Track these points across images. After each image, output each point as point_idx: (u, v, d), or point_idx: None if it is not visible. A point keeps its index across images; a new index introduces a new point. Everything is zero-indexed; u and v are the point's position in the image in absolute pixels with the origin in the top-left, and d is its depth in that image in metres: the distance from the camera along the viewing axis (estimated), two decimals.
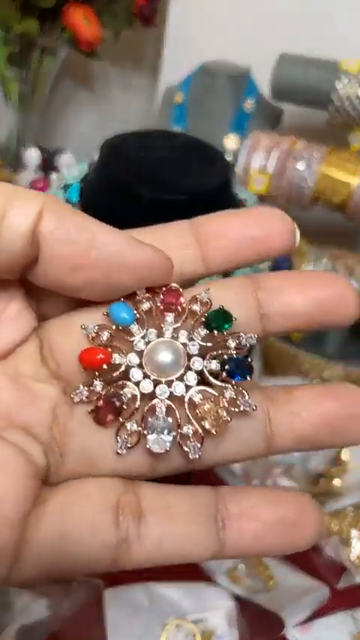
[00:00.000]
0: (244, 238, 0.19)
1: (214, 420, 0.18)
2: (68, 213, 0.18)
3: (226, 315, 0.19)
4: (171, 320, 0.19)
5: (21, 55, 0.79)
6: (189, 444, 0.18)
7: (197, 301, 0.19)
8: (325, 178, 0.61)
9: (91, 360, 0.18)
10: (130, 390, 0.19)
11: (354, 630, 0.43)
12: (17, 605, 0.42)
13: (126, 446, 0.18)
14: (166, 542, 0.18)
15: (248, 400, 0.18)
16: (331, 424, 0.18)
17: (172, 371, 0.19)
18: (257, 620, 0.43)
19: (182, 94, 0.75)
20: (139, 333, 0.19)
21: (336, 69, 0.62)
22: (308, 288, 0.19)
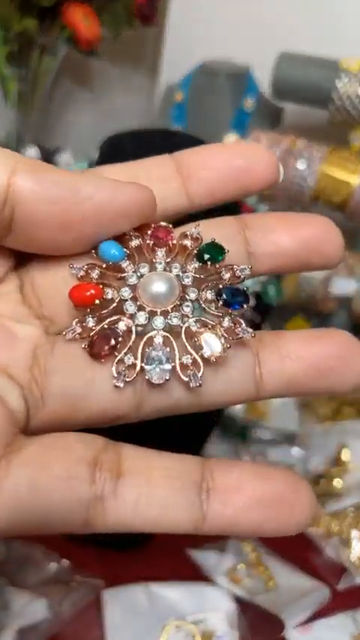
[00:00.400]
0: (227, 169, 0.19)
1: (214, 348, 0.18)
2: (44, 170, 0.17)
3: (219, 247, 0.18)
4: (162, 254, 0.19)
5: (20, 54, 0.79)
6: (189, 373, 0.18)
7: (188, 237, 0.19)
8: (325, 178, 0.61)
9: (82, 297, 0.18)
10: (125, 323, 0.18)
11: (354, 631, 0.43)
12: (16, 605, 0.42)
13: (124, 379, 0.18)
14: (144, 506, 0.17)
15: (246, 328, 0.18)
16: (321, 367, 0.18)
17: (167, 301, 0.18)
18: (257, 620, 0.43)
19: (182, 92, 0.75)
20: (130, 269, 0.19)
21: (336, 67, 0.62)
22: (295, 228, 0.19)
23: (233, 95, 0.73)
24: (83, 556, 0.46)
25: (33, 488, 0.16)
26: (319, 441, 0.57)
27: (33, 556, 0.45)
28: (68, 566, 0.45)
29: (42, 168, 0.17)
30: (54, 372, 0.18)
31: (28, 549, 0.45)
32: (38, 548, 0.46)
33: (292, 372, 0.18)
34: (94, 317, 0.18)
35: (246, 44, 0.76)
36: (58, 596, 0.43)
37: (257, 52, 0.71)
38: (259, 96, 0.74)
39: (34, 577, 0.44)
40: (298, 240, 0.19)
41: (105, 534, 0.50)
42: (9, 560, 0.45)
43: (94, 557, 0.46)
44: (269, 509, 0.17)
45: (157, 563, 0.47)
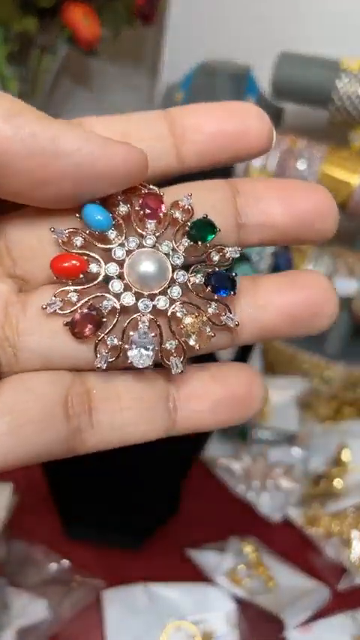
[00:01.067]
0: (220, 133, 0.18)
1: (198, 335, 0.18)
2: (23, 116, 0.16)
3: (210, 226, 0.18)
4: (152, 227, 0.18)
5: (20, 53, 0.79)
6: (172, 360, 0.18)
7: (179, 207, 0.18)
8: (325, 177, 0.61)
9: (65, 268, 0.17)
10: (110, 302, 0.17)
11: (354, 631, 0.43)
12: (16, 606, 0.42)
13: (106, 360, 0.17)
14: (118, 427, 0.18)
15: (231, 315, 0.18)
16: (295, 315, 0.18)
17: (155, 283, 0.18)
18: (257, 621, 0.43)
19: (182, 92, 0.75)
20: (117, 241, 0.18)
21: (336, 67, 0.62)
22: (289, 199, 0.18)
23: (233, 95, 0.73)
24: (83, 556, 0.46)
25: (13, 436, 0.16)
26: (319, 441, 0.57)
27: (33, 556, 0.45)
28: (68, 566, 0.45)
29: (21, 113, 0.16)
30: (27, 332, 0.17)
31: (29, 549, 0.45)
32: (38, 548, 0.46)
33: (267, 323, 0.18)
34: (76, 291, 0.17)
35: (246, 44, 0.76)
36: (58, 596, 0.43)
37: (257, 52, 0.71)
38: (259, 96, 0.74)
39: (34, 577, 0.44)
40: (291, 214, 0.18)
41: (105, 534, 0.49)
42: (9, 560, 0.45)
43: (94, 557, 0.46)
44: (228, 408, 0.19)
45: (157, 563, 0.47)
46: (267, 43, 0.68)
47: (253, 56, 0.73)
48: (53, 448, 0.17)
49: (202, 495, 0.52)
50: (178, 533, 0.49)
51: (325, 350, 0.63)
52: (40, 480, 0.47)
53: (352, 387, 0.62)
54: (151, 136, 0.18)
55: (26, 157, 0.15)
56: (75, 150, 0.16)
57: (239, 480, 0.53)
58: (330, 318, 0.18)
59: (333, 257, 0.62)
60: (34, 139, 0.15)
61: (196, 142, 0.18)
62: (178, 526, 0.49)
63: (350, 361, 0.62)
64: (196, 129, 0.18)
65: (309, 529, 0.50)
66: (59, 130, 0.16)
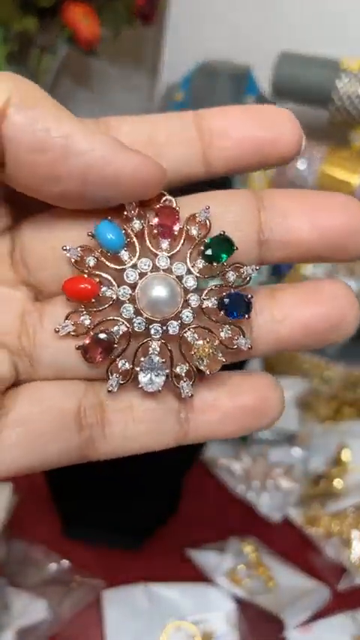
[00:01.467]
0: (249, 140, 0.18)
1: (209, 360, 0.17)
2: (39, 108, 0.15)
3: (227, 244, 0.17)
4: (166, 246, 0.17)
5: (20, 53, 0.79)
6: (182, 384, 0.18)
7: (196, 222, 0.17)
8: (325, 177, 0.61)
9: (78, 292, 0.17)
10: (121, 327, 0.17)
11: (354, 632, 0.43)
12: (16, 606, 0.42)
13: (118, 383, 0.17)
14: (131, 438, 0.18)
15: (245, 339, 0.18)
16: (314, 328, 0.18)
17: (166, 308, 0.17)
18: (257, 621, 0.43)
19: (182, 92, 0.75)
20: (129, 262, 0.17)
21: (336, 67, 0.62)
22: (318, 215, 0.17)
23: (233, 95, 0.73)
24: (83, 556, 0.46)
25: (27, 447, 0.17)
26: (319, 441, 0.57)
27: (33, 556, 0.45)
28: (68, 566, 0.45)
29: (38, 105, 0.15)
30: (43, 344, 0.17)
31: (28, 549, 0.45)
32: (38, 548, 0.46)
33: (284, 334, 0.18)
34: (88, 314, 0.17)
35: (246, 44, 0.76)
36: (58, 596, 0.43)
37: (257, 52, 0.71)
38: (259, 96, 0.73)
39: (34, 577, 0.44)
40: (318, 231, 0.17)
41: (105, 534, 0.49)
42: (9, 561, 0.45)
43: (94, 557, 0.46)
44: (241, 419, 0.18)
45: (157, 564, 0.47)
46: (267, 43, 0.68)
47: (253, 56, 0.73)
48: (64, 457, 0.17)
49: (202, 495, 0.52)
50: (178, 533, 0.49)
51: (325, 350, 0.63)
52: (40, 480, 0.47)
53: (352, 387, 0.62)
54: (180, 140, 0.18)
55: (36, 152, 0.15)
56: (87, 151, 0.15)
57: (239, 480, 0.53)
58: (350, 330, 0.18)
59: None
60: (46, 135, 0.15)
61: (224, 149, 0.18)
62: (178, 526, 0.49)
63: (350, 361, 0.62)
64: (225, 134, 0.18)
65: (309, 529, 0.50)
66: (74, 128, 0.15)
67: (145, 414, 0.18)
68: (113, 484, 0.44)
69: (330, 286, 0.18)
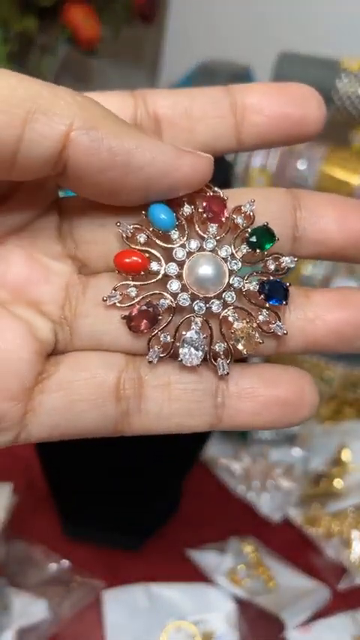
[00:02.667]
0: (280, 116, 0.19)
1: (246, 340, 0.18)
2: (101, 129, 0.16)
3: (270, 234, 0.18)
4: (214, 231, 0.18)
5: (20, 53, 0.79)
6: (219, 362, 0.18)
7: (241, 213, 0.18)
8: (325, 177, 0.61)
9: (127, 264, 0.18)
10: (166, 301, 0.18)
11: (354, 632, 0.43)
12: (17, 606, 0.42)
13: (158, 355, 0.18)
14: (165, 416, 0.18)
15: (281, 324, 0.18)
16: (343, 333, 0.18)
17: (212, 286, 0.18)
18: (257, 621, 0.43)
19: None
20: (178, 242, 0.18)
21: (336, 67, 0.62)
22: (347, 219, 0.18)
23: None
24: (83, 556, 0.46)
25: (65, 411, 0.17)
26: (319, 441, 0.57)
27: (33, 556, 0.45)
28: (68, 566, 0.45)
29: (99, 125, 0.16)
30: (84, 314, 0.18)
31: (29, 549, 0.45)
32: (38, 548, 0.46)
33: (314, 335, 0.19)
34: (135, 287, 0.18)
35: (246, 44, 0.76)
36: (58, 596, 0.43)
37: (257, 52, 0.71)
38: None
39: (35, 577, 0.44)
40: (346, 232, 0.18)
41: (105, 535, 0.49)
42: (9, 561, 0.45)
43: (94, 557, 0.46)
44: (276, 411, 0.18)
45: (157, 564, 0.47)
46: (267, 43, 0.68)
47: (253, 56, 0.74)
48: (100, 427, 0.18)
49: (202, 495, 0.52)
50: (178, 533, 0.49)
51: None
52: (40, 480, 0.47)
53: (352, 387, 0.62)
54: (215, 114, 0.19)
55: (101, 171, 0.16)
56: (147, 164, 0.16)
57: (239, 480, 0.53)
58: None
59: None
60: (108, 154, 0.16)
61: (256, 125, 0.19)
62: (178, 526, 0.49)
63: (350, 361, 0.62)
64: (258, 110, 0.19)
65: (309, 529, 0.50)
66: (134, 142, 0.16)
67: (182, 393, 0.18)
68: (113, 484, 0.44)
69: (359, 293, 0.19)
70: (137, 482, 0.45)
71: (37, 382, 0.17)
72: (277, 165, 0.62)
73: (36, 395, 0.17)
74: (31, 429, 0.17)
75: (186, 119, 0.19)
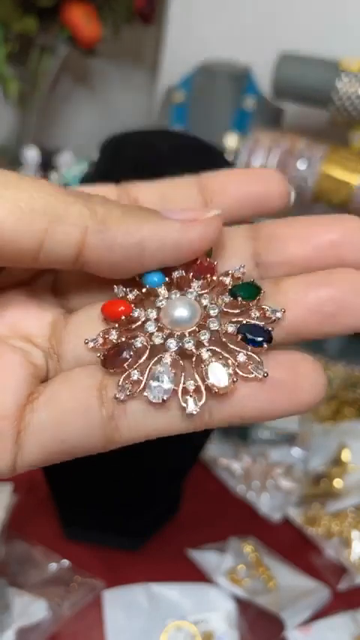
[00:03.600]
0: (244, 196, 0.21)
1: (220, 379, 0.17)
2: (113, 227, 0.18)
3: (254, 288, 0.19)
4: (197, 286, 0.19)
5: (20, 53, 0.79)
6: (188, 399, 0.18)
7: (229, 275, 0.19)
8: (325, 178, 0.61)
9: (113, 311, 0.19)
10: (140, 340, 0.19)
11: (355, 632, 0.43)
12: (17, 606, 0.42)
13: (126, 393, 0.18)
14: (151, 418, 0.18)
15: (260, 367, 0.17)
16: (321, 312, 0.18)
17: (186, 325, 0.19)
18: (257, 621, 0.43)
19: (182, 93, 0.75)
20: (164, 294, 0.20)
21: (336, 68, 0.62)
22: (306, 232, 0.19)
23: (233, 95, 0.73)
24: (83, 556, 0.46)
25: (54, 423, 0.18)
26: (319, 441, 0.57)
27: (33, 556, 0.45)
28: (68, 566, 0.45)
29: (111, 223, 0.18)
30: (67, 342, 0.20)
31: (29, 549, 0.45)
32: (38, 548, 0.46)
33: (293, 319, 0.18)
34: (116, 330, 0.19)
35: (246, 44, 0.76)
36: (58, 596, 0.43)
37: (257, 52, 0.71)
38: (258, 96, 0.74)
39: (35, 577, 0.44)
40: (310, 246, 0.19)
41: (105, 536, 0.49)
42: (9, 561, 0.45)
43: (95, 557, 0.46)
44: (269, 396, 0.18)
45: (157, 563, 0.47)
46: (267, 43, 0.68)
47: (253, 57, 0.74)
48: (90, 436, 0.18)
49: (202, 495, 0.52)
50: (178, 533, 0.49)
51: (325, 350, 0.63)
52: (40, 480, 0.47)
53: (352, 387, 0.62)
54: (184, 196, 0.21)
55: (117, 262, 0.18)
56: (159, 247, 0.18)
57: (239, 480, 0.53)
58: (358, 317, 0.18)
59: None
60: (121, 249, 0.18)
61: (222, 204, 0.20)
62: (178, 526, 0.49)
63: (350, 361, 0.62)
64: (222, 192, 0.21)
65: (309, 529, 0.50)
66: (143, 232, 0.18)
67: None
68: (113, 485, 0.44)
69: (336, 271, 0.18)
70: (137, 482, 0.45)
71: (28, 402, 0.18)
72: (277, 166, 0.62)
73: (27, 414, 0.18)
74: (25, 451, 0.18)
75: (162, 201, 0.21)
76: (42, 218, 0.17)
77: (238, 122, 0.73)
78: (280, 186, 0.20)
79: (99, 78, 0.97)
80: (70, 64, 0.90)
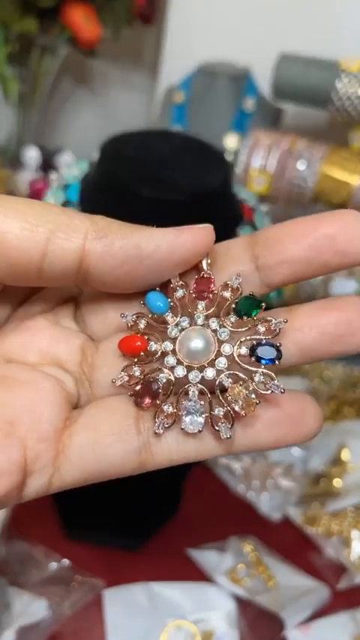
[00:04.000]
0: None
1: (244, 402, 0.19)
2: (111, 234, 0.19)
3: (255, 302, 0.20)
4: (202, 307, 0.20)
5: (20, 54, 0.79)
6: (220, 425, 0.19)
7: (228, 288, 0.20)
8: (325, 178, 0.61)
9: (131, 347, 0.20)
10: (165, 375, 0.20)
11: (354, 631, 0.43)
12: (17, 605, 0.42)
13: (163, 426, 0.19)
14: (183, 444, 0.20)
15: (277, 383, 0.19)
16: (331, 333, 0.19)
17: (203, 357, 0.20)
18: (257, 620, 0.43)
19: (182, 93, 0.75)
20: (172, 321, 0.20)
21: (336, 68, 0.62)
22: (302, 234, 0.19)
23: (233, 96, 0.73)
24: (84, 556, 0.46)
25: (93, 447, 0.19)
26: (319, 441, 0.57)
27: (34, 556, 0.45)
28: (69, 565, 0.45)
29: (110, 231, 0.19)
30: (99, 366, 0.21)
31: (29, 549, 0.45)
32: (39, 548, 0.46)
33: (304, 342, 0.19)
34: (139, 367, 0.20)
35: (246, 45, 0.77)
36: (58, 595, 0.43)
37: (257, 53, 0.71)
38: (259, 96, 0.74)
39: (35, 577, 0.44)
40: (305, 245, 0.19)
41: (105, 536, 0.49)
42: (10, 560, 0.45)
43: (95, 557, 0.46)
44: (283, 428, 0.19)
45: (158, 563, 0.47)
46: (267, 43, 0.69)
47: (253, 58, 0.74)
48: (126, 460, 0.19)
49: (202, 495, 0.52)
50: (179, 533, 0.49)
51: None
52: None
53: (352, 387, 0.62)
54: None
55: (117, 267, 0.19)
56: (155, 248, 0.19)
57: (239, 479, 0.53)
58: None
59: None
60: (122, 251, 0.19)
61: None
62: (178, 526, 0.49)
63: (350, 361, 0.62)
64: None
65: (309, 528, 0.50)
66: (140, 236, 0.19)
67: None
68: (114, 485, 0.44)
69: (341, 298, 0.20)
70: (138, 482, 0.45)
71: (65, 426, 0.20)
72: (277, 166, 0.62)
73: (65, 438, 0.19)
74: (62, 472, 0.19)
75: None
76: (45, 226, 0.18)
77: (238, 122, 0.73)
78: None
79: (99, 78, 0.97)
80: (71, 64, 0.90)
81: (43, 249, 0.18)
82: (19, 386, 0.20)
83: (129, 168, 0.37)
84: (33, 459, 0.19)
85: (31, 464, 0.19)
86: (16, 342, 0.21)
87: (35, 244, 0.18)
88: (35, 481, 0.19)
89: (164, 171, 0.37)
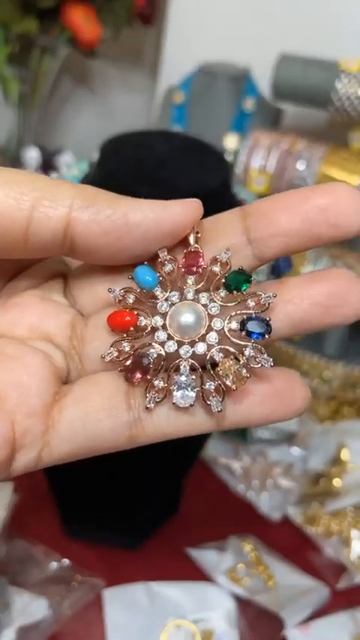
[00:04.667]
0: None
1: (235, 376, 0.19)
2: (97, 202, 0.19)
3: (244, 276, 0.20)
4: (192, 282, 0.20)
5: (21, 54, 0.79)
6: (211, 399, 0.19)
7: (217, 262, 0.20)
8: (325, 178, 0.61)
9: (120, 322, 0.20)
10: (155, 350, 0.20)
11: (354, 630, 0.43)
12: (17, 605, 0.42)
13: (154, 401, 0.19)
14: (174, 418, 0.20)
15: (266, 357, 0.19)
16: (322, 304, 0.19)
17: (193, 332, 0.20)
18: (257, 619, 0.43)
19: (182, 94, 0.75)
20: (162, 296, 0.20)
21: (336, 68, 0.62)
22: (293, 206, 0.19)
23: (233, 96, 0.73)
24: (84, 555, 0.46)
25: (83, 421, 0.19)
26: (318, 441, 0.57)
27: (34, 555, 0.45)
28: (69, 565, 0.45)
29: (97, 200, 0.19)
30: (89, 340, 0.21)
31: (29, 549, 0.46)
32: (39, 547, 0.46)
33: (296, 314, 0.19)
34: (129, 342, 0.20)
35: (246, 45, 0.77)
36: (58, 595, 0.43)
37: (257, 54, 0.71)
38: (258, 97, 0.74)
39: (35, 576, 0.44)
40: (298, 217, 0.19)
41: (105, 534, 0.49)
42: (10, 560, 0.45)
43: (95, 556, 0.47)
44: (273, 403, 0.20)
45: (158, 563, 0.47)
46: (267, 43, 0.69)
47: (253, 58, 0.74)
48: (116, 434, 0.19)
49: (202, 494, 0.53)
50: (179, 532, 0.49)
51: (325, 350, 0.63)
52: (41, 480, 0.47)
53: (352, 387, 0.62)
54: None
55: (104, 235, 0.19)
56: (142, 219, 0.19)
57: (239, 479, 0.53)
58: (357, 304, 0.19)
59: (332, 258, 0.63)
60: (108, 220, 0.19)
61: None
62: (178, 525, 0.50)
63: (349, 361, 0.62)
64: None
65: (308, 528, 0.50)
66: (127, 206, 0.19)
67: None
68: (114, 484, 0.45)
69: (331, 270, 0.20)
70: (137, 481, 0.45)
71: (54, 400, 0.19)
72: (277, 166, 0.62)
73: (55, 412, 0.19)
74: (52, 446, 0.19)
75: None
76: (31, 194, 0.18)
77: (238, 123, 0.73)
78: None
79: (99, 79, 0.97)
80: (71, 65, 0.90)
81: (28, 217, 0.18)
82: (7, 360, 0.20)
83: (129, 168, 0.37)
84: (22, 433, 0.19)
85: (19, 438, 0.19)
86: (5, 318, 0.21)
87: (20, 212, 0.18)
88: (24, 456, 0.19)
89: (164, 172, 0.37)
